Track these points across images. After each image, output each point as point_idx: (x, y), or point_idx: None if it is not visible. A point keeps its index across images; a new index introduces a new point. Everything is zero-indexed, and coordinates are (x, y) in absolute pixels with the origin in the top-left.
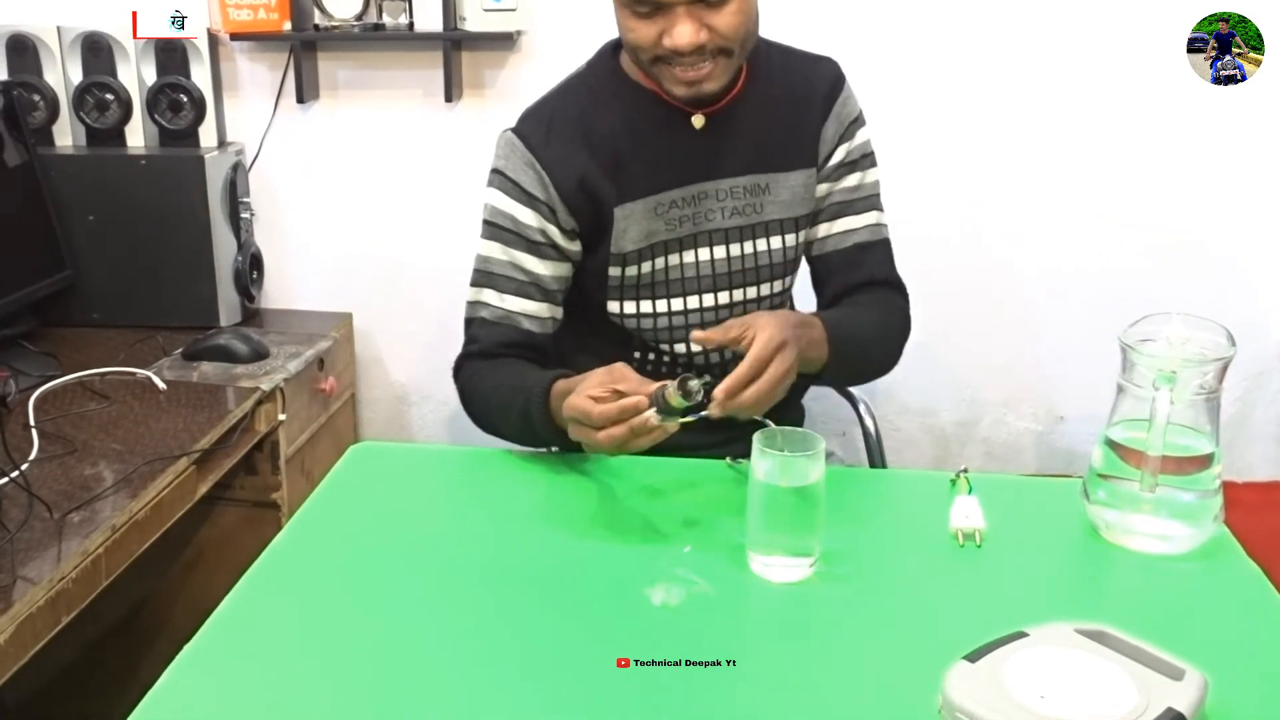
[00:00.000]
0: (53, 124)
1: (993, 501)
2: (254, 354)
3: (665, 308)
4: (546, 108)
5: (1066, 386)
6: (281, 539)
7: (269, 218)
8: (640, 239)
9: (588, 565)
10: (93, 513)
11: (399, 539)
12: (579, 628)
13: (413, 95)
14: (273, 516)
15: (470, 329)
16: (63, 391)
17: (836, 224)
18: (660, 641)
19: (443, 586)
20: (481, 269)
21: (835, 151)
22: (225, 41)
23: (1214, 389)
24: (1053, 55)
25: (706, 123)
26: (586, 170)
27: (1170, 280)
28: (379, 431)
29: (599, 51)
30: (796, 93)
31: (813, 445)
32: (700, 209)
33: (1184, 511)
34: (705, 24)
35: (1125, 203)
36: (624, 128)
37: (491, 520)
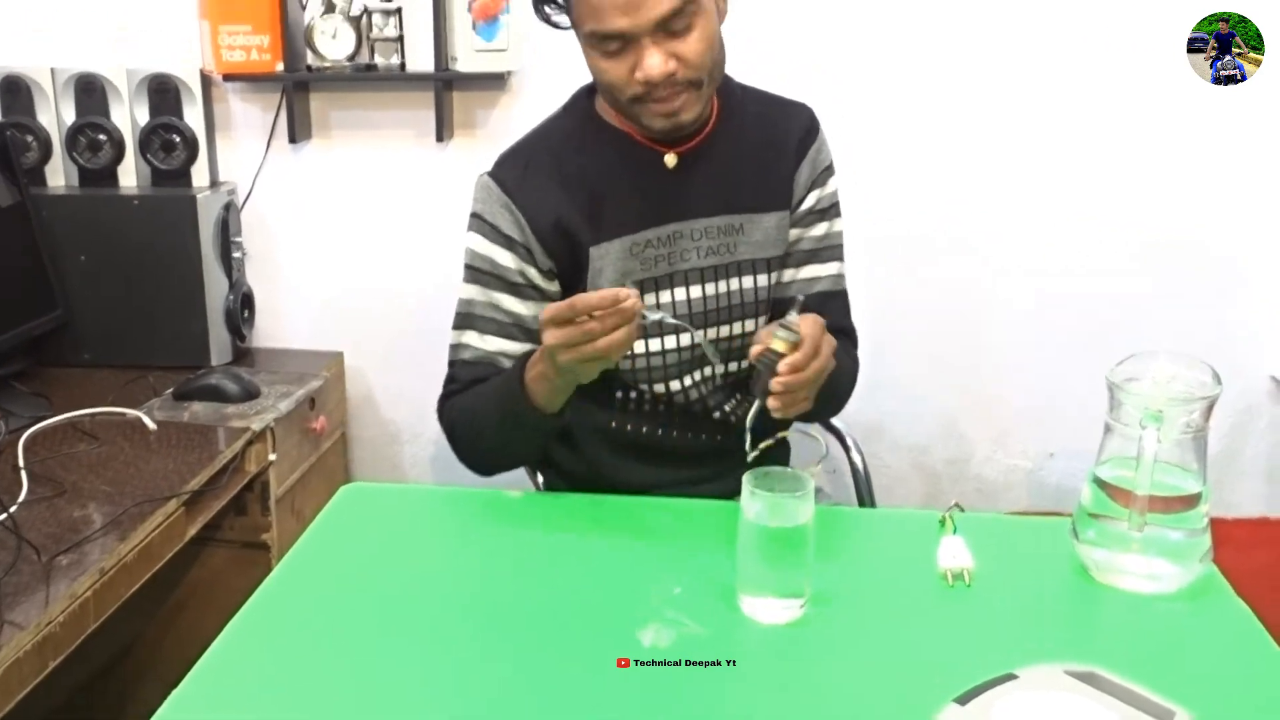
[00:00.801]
0: (45, 164)
1: (982, 541)
2: (245, 394)
3: (643, 348)
4: (522, 151)
5: (1056, 422)
6: (271, 581)
7: (261, 257)
8: (617, 278)
9: (578, 606)
10: (81, 555)
11: (390, 580)
12: (570, 669)
13: (404, 135)
14: (263, 558)
15: (452, 369)
16: (53, 432)
17: (803, 271)
18: (650, 683)
19: (433, 628)
20: (463, 311)
21: (807, 197)
22: (218, 82)
23: (1200, 427)
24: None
25: (679, 161)
26: (562, 211)
27: (1161, 313)
28: (370, 471)
29: (574, 95)
30: (770, 135)
31: (802, 486)
32: (676, 248)
33: (1173, 551)
34: (673, 54)
35: (1118, 240)
36: (599, 168)
37: (482, 561)
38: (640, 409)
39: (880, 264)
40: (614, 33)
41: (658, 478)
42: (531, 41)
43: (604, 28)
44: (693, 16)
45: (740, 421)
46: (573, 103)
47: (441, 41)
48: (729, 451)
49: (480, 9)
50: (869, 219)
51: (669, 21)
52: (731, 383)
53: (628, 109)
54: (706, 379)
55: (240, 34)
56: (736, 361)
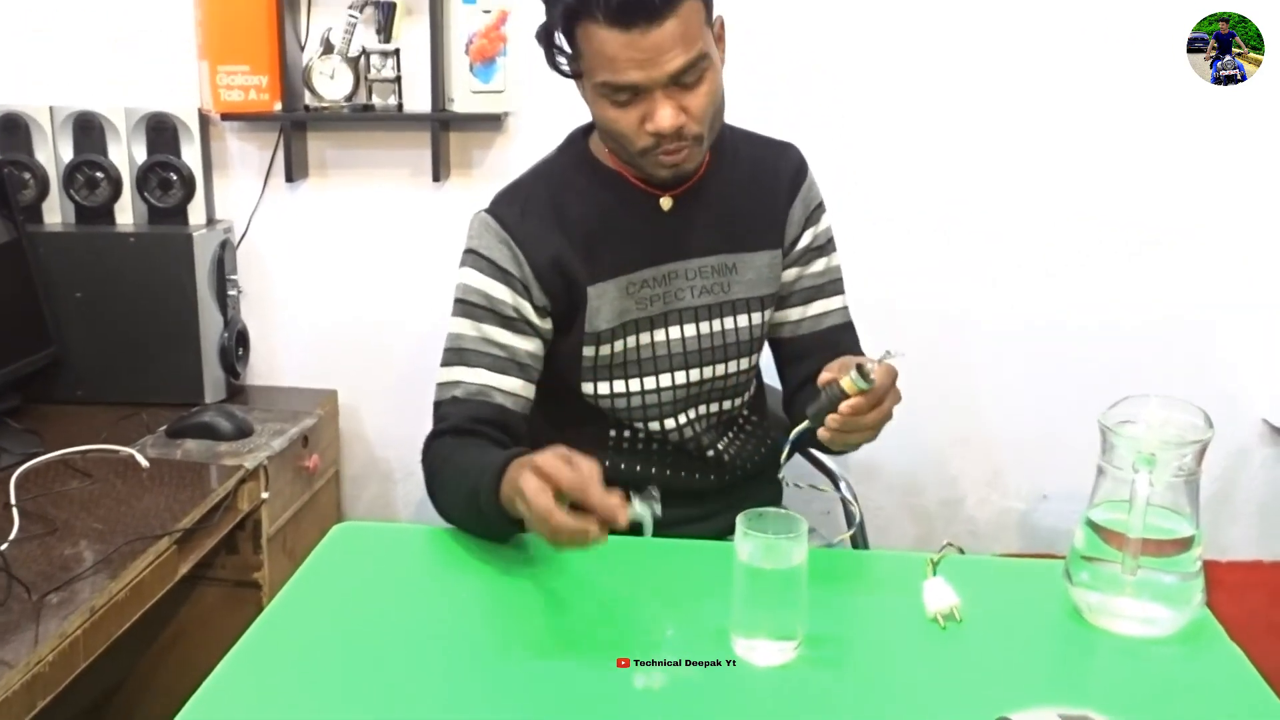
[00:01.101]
0: (42, 201)
1: (975, 583)
2: (238, 431)
3: (638, 386)
4: (520, 190)
5: (1049, 464)
6: (262, 620)
7: (256, 295)
8: (613, 318)
9: (570, 647)
10: (72, 594)
11: (382, 620)
12: (561, 711)
13: (400, 175)
14: (254, 597)
15: (441, 408)
16: (45, 469)
17: (810, 308)
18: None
19: (425, 669)
20: (452, 347)
21: (802, 236)
22: (216, 121)
23: (1193, 470)
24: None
25: (674, 204)
26: (559, 250)
27: (1153, 356)
28: (363, 509)
29: (568, 137)
30: (761, 175)
31: (795, 527)
32: (671, 288)
33: (1166, 594)
34: (682, 106)
35: (1111, 285)
36: (595, 209)
37: (474, 602)
38: (634, 448)
39: (871, 304)
40: (627, 84)
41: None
42: (528, 83)
43: (618, 79)
44: (703, 71)
45: (734, 460)
46: (568, 143)
47: (439, 83)
48: (722, 491)
49: (477, 51)
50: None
51: (681, 75)
52: (724, 421)
53: (633, 158)
54: (700, 417)
55: (239, 74)
56: (731, 400)
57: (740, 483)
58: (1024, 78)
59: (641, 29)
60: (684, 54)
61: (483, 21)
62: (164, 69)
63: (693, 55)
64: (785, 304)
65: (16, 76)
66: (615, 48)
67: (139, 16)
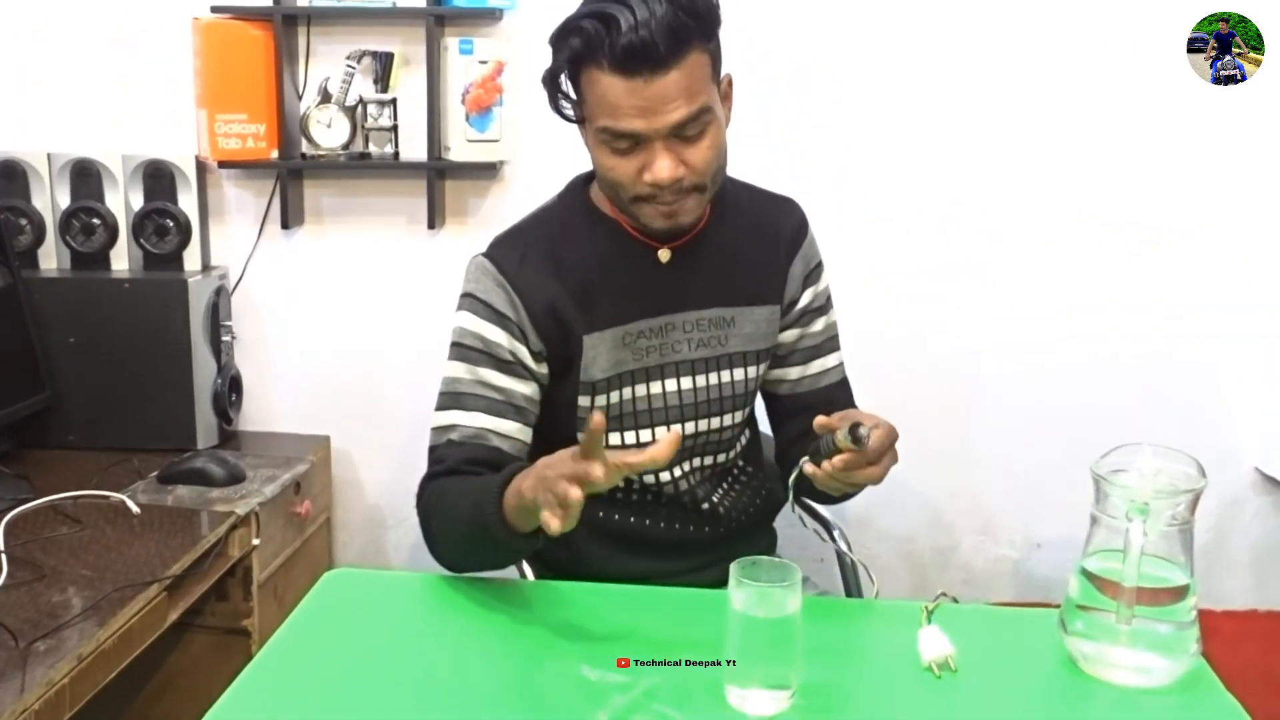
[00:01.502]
0: (38, 247)
1: (969, 633)
2: (230, 477)
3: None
4: (518, 236)
5: (1043, 513)
6: (252, 668)
7: (250, 341)
8: (609, 368)
9: (562, 695)
10: (59, 641)
11: (373, 668)
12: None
13: (396, 222)
14: (243, 644)
15: (436, 452)
16: (34, 515)
17: (811, 366)
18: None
19: (416, 718)
20: (448, 391)
21: (802, 295)
22: (213, 168)
23: (1187, 519)
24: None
25: (672, 256)
26: (557, 298)
27: (1147, 406)
28: (354, 555)
29: (569, 184)
30: (762, 230)
31: (790, 576)
32: (668, 340)
33: (1161, 643)
34: (682, 159)
35: (1105, 335)
36: (593, 259)
37: (466, 649)
38: (629, 500)
39: (865, 352)
40: (628, 132)
41: (645, 569)
42: (523, 133)
43: (619, 126)
44: (706, 125)
45: (729, 512)
46: (568, 191)
47: (435, 131)
48: (716, 543)
49: (474, 101)
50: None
51: (683, 128)
52: (719, 473)
53: (628, 206)
54: (696, 469)
55: (236, 122)
56: (725, 452)
57: (735, 534)
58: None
59: (645, 78)
60: (686, 106)
61: (479, 72)
62: (162, 117)
63: (695, 109)
64: (785, 363)
65: (15, 123)
66: (618, 95)
67: (138, 65)
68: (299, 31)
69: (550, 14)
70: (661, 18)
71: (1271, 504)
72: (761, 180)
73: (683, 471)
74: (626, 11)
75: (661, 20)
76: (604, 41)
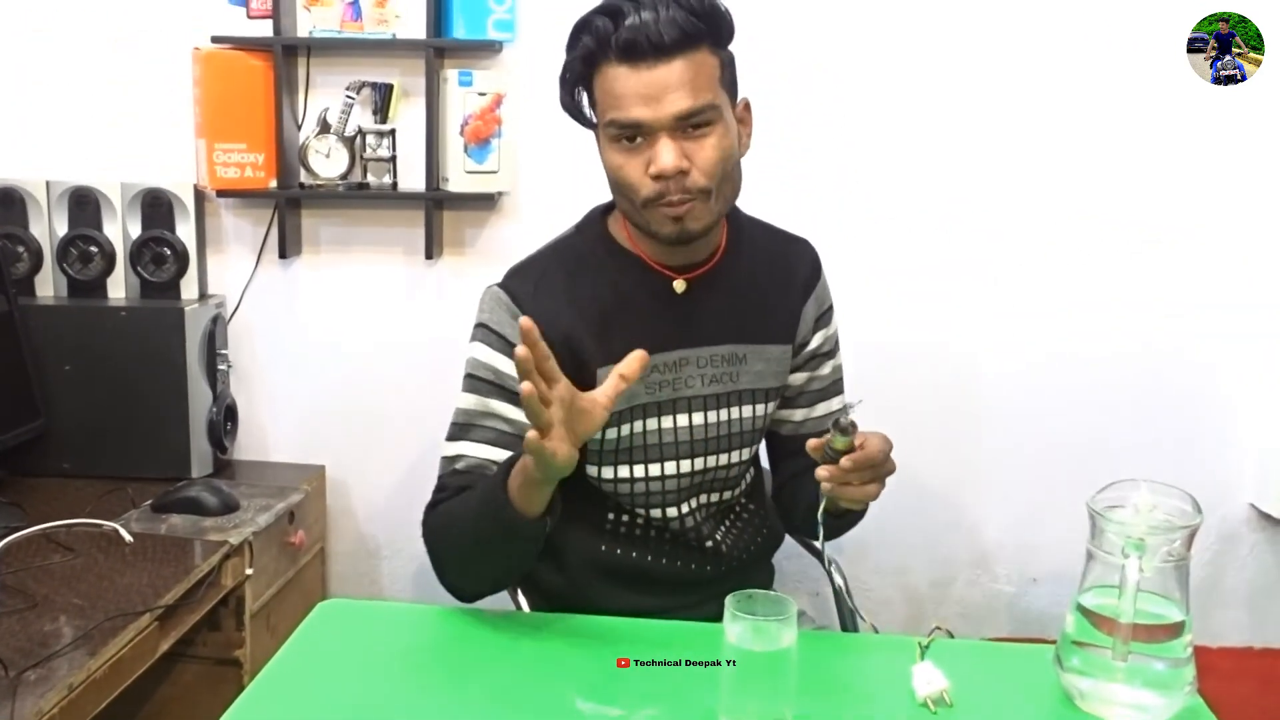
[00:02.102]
0: (35, 275)
1: (965, 668)
2: (224, 506)
3: (642, 473)
4: (534, 267)
5: (1039, 547)
6: (243, 699)
7: (246, 370)
8: (621, 401)
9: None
10: (49, 671)
11: (366, 700)
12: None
13: (394, 252)
14: (234, 675)
15: (441, 479)
16: (27, 543)
17: (816, 409)
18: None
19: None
20: (458, 422)
21: (813, 338)
22: (211, 197)
23: (1183, 556)
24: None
25: (688, 287)
26: (572, 330)
27: (1142, 441)
28: (349, 586)
29: (587, 216)
30: (776, 268)
31: (785, 609)
32: (681, 375)
33: (1157, 680)
34: (687, 155)
35: (1100, 367)
36: (609, 291)
37: (460, 681)
38: (632, 534)
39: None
40: (632, 122)
41: (643, 604)
42: (521, 164)
43: (624, 116)
44: (711, 124)
45: (731, 550)
46: (586, 222)
47: (434, 162)
48: (715, 580)
49: (472, 132)
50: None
51: (686, 120)
52: (722, 510)
53: (639, 213)
54: (700, 507)
55: (235, 151)
56: (731, 489)
57: (735, 572)
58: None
59: (649, 64)
60: (689, 98)
61: (478, 103)
62: (161, 146)
63: (699, 103)
64: (791, 405)
65: (14, 151)
66: (623, 84)
67: (138, 94)
68: (299, 62)
69: (549, 48)
70: (669, 14)
71: (1267, 541)
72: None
73: (689, 508)
74: (635, 6)
75: (669, 15)
76: (611, 34)
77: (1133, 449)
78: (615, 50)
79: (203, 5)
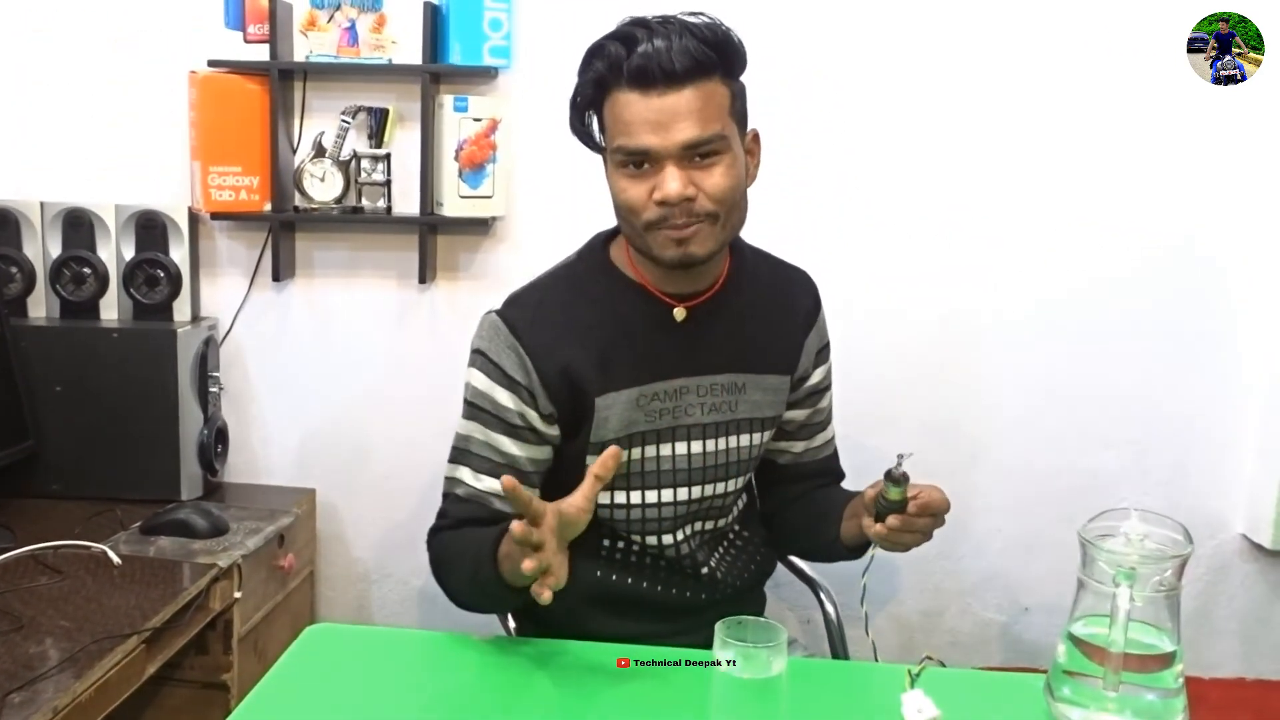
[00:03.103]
0: (28, 295)
1: (955, 697)
2: (213, 529)
3: (639, 499)
4: (534, 294)
5: (1030, 576)
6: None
7: (238, 392)
8: (620, 428)
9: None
10: (34, 694)
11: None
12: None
13: (387, 276)
14: (222, 699)
15: (444, 503)
16: (14, 565)
17: (815, 440)
18: None
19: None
20: (459, 446)
21: (813, 373)
22: (205, 220)
23: (1173, 586)
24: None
25: (687, 316)
26: (570, 359)
27: (1135, 471)
28: (338, 610)
29: (588, 243)
30: (777, 299)
31: (775, 636)
32: (681, 403)
33: (1148, 711)
34: (694, 183)
35: (1094, 401)
36: (610, 319)
37: (448, 707)
38: (627, 561)
39: (852, 409)
40: (640, 149)
41: (635, 630)
42: (516, 190)
43: (632, 143)
44: (719, 154)
45: (724, 577)
46: (588, 250)
47: (428, 187)
48: (708, 607)
49: (467, 157)
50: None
51: (694, 149)
52: (716, 537)
53: (641, 236)
54: (696, 534)
55: (230, 174)
56: (724, 517)
57: (728, 599)
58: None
59: (659, 92)
60: (698, 127)
61: (473, 129)
62: (156, 168)
63: (707, 133)
64: (791, 438)
65: (9, 172)
66: (633, 111)
67: (133, 116)
68: (295, 86)
69: (544, 74)
70: (681, 43)
71: (1259, 572)
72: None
73: (684, 535)
74: (648, 34)
75: (681, 44)
76: (624, 61)
77: (1124, 478)
78: (627, 76)
79: (200, 29)
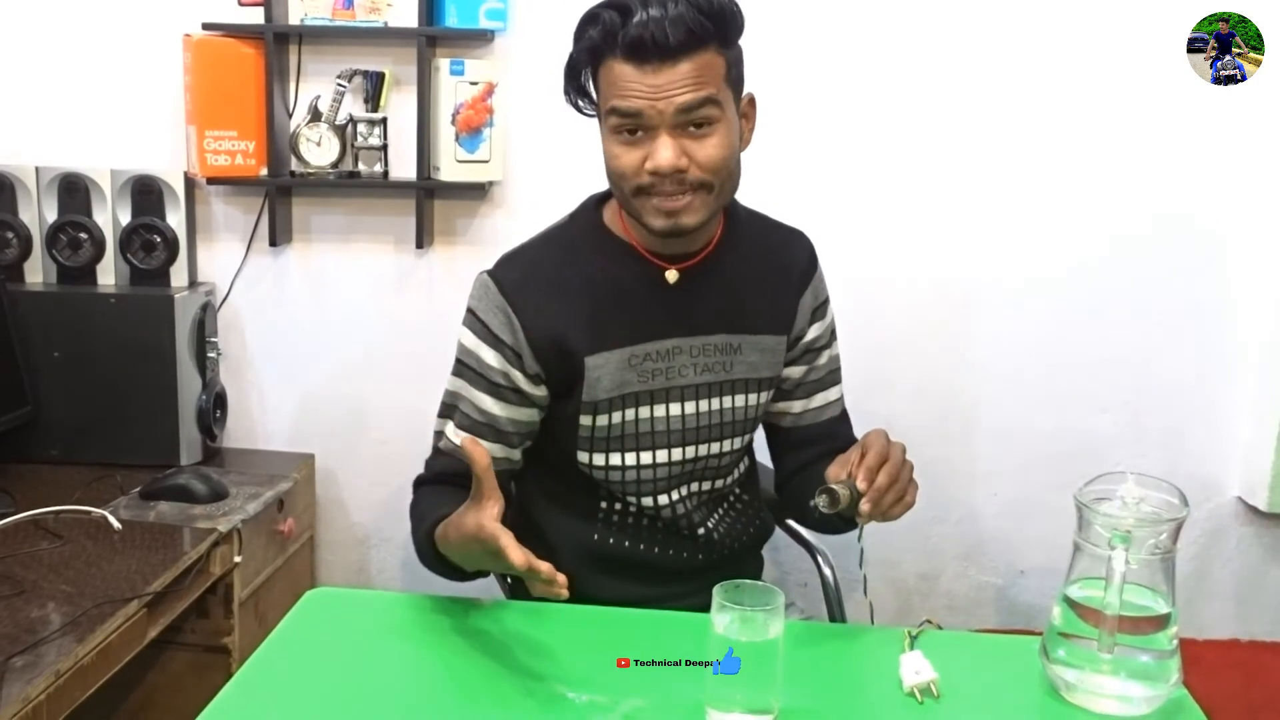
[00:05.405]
0: (25, 261)
1: (952, 659)
2: (213, 494)
3: (634, 460)
4: (525, 255)
5: (1026, 539)
6: (231, 687)
7: (236, 357)
8: (613, 389)
9: (543, 717)
10: (36, 657)
11: (354, 688)
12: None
13: (384, 241)
14: (223, 662)
15: (430, 455)
16: (14, 530)
17: (814, 400)
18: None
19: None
20: (447, 401)
21: (809, 330)
22: (202, 185)
23: (1169, 549)
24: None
25: (680, 277)
26: (560, 319)
27: (1131, 435)
28: (337, 575)
29: (582, 204)
30: (772, 260)
31: (772, 600)
32: (673, 364)
33: (1143, 672)
34: (687, 153)
35: (1087, 367)
36: (601, 279)
37: (447, 670)
38: (624, 523)
39: (847, 374)
40: (633, 111)
41: (633, 593)
42: (513, 154)
43: (625, 105)
44: (713, 123)
45: (722, 539)
46: (580, 211)
47: (425, 151)
48: (705, 569)
49: (464, 121)
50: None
51: (688, 114)
52: (714, 499)
53: (631, 201)
54: (692, 494)
55: (226, 139)
56: (722, 478)
57: (725, 562)
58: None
59: (655, 65)
60: (693, 92)
61: (470, 93)
62: (152, 132)
63: (701, 95)
64: (789, 397)
65: (4, 137)
66: (628, 79)
67: (128, 80)
68: (290, 50)
69: (541, 38)
70: (677, 13)
71: (1254, 534)
72: (761, 183)
73: (680, 495)
74: (644, 1)
75: (677, 15)
76: (619, 31)
77: (1120, 442)
78: (621, 47)
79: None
